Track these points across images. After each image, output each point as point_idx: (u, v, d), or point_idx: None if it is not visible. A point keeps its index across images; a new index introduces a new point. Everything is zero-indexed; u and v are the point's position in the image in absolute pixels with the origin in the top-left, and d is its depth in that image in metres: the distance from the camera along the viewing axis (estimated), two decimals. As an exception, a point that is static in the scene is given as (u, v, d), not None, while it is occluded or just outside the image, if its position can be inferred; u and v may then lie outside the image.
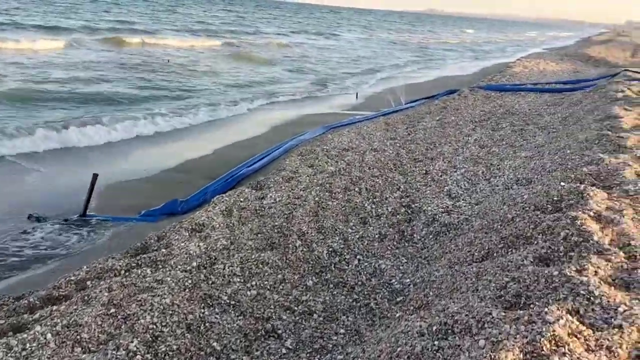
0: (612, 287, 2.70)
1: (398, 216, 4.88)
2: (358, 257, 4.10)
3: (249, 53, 23.36)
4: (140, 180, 6.52)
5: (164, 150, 8.20)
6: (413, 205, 5.09)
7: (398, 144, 7.29)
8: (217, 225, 4.19)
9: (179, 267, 3.48)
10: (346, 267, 3.95)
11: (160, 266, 3.50)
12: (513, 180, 5.63)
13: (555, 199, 4.02)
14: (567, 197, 3.99)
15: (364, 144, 7.21)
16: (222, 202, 4.72)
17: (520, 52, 35.57)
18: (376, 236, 4.47)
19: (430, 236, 4.45)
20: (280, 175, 5.64)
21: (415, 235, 4.55)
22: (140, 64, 17.19)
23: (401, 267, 4.01)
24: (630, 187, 4.15)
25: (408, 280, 3.79)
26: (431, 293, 3.26)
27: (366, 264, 4.02)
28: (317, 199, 4.89)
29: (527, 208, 4.02)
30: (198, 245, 3.79)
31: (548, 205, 3.96)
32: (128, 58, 18.41)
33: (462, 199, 5.18)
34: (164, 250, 3.73)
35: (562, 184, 4.24)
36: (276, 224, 4.32)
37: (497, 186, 5.55)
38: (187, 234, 4.09)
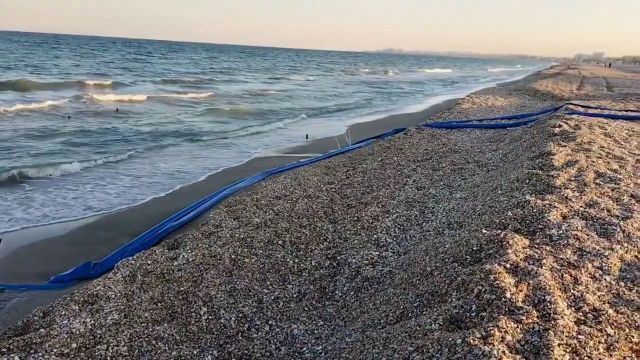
0: (518, 356, 2.44)
1: (321, 270, 4.57)
2: (270, 322, 3.75)
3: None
4: (55, 240, 6.04)
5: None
6: (339, 257, 4.80)
7: (334, 189, 7.05)
8: (113, 295, 3.78)
9: (55, 350, 3.06)
10: (255, 335, 3.59)
11: (32, 351, 3.07)
12: (445, 225, 5.43)
13: (474, 248, 3.79)
14: (486, 246, 3.77)
15: (298, 191, 6.94)
16: (127, 266, 4.32)
17: (473, 88, 36.55)
18: (294, 296, 4.13)
19: (352, 292, 4.14)
20: (200, 230, 5.29)
21: (337, 292, 4.24)
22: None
23: (316, 332, 3.68)
24: (553, 232, 3.98)
25: (320, 347, 3.45)
26: (335, 366, 2.94)
27: (278, 329, 3.67)
28: (234, 256, 4.55)
29: (447, 260, 3.79)
30: (84, 322, 3.38)
31: (467, 256, 3.72)
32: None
33: (390, 248, 4.92)
34: (42, 330, 3.30)
35: (484, 231, 4.03)
36: (182, 289, 3.95)
37: (429, 231, 5.33)
38: (77, 307, 3.67)
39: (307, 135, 14.69)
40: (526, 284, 3.11)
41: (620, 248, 3.76)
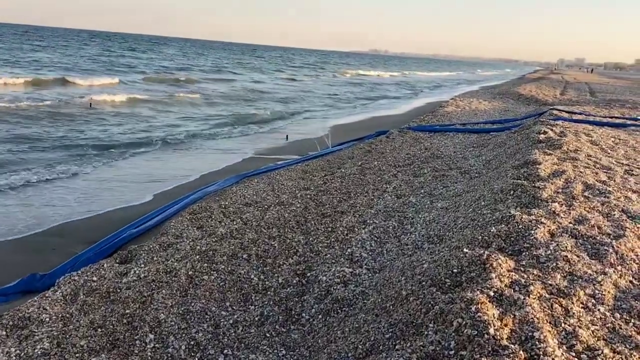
0: (503, 413, 2.07)
1: (288, 289, 4.17)
2: (226, 351, 3.34)
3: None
4: (2, 246, 5.54)
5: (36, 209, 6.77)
6: (309, 274, 4.40)
7: (309, 196, 6.65)
8: (48, 319, 3.34)
9: (-35, 389, 2.61)
10: (207, 367, 3.18)
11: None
12: (424, 238, 5.07)
13: (455, 270, 3.42)
14: (468, 268, 3.40)
15: (270, 197, 6.52)
16: (69, 283, 3.87)
17: (456, 91, 36.44)
18: (256, 319, 3.72)
19: (320, 316, 3.75)
20: (159, 241, 4.85)
21: (304, 314, 3.84)
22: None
23: (277, 363, 3.28)
24: (541, 252, 3.63)
25: (280, 383, 3.05)
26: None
27: (234, 360, 3.26)
28: (191, 272, 4.12)
29: (424, 283, 3.41)
30: (8, 352, 2.93)
31: (447, 280, 3.35)
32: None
33: (365, 264, 4.54)
34: (-45, 363, 2.85)
35: (466, 250, 3.67)
36: (127, 311, 3.51)
37: (407, 245, 4.96)
38: (5, 333, 3.22)
39: (287, 136, 14.28)
40: (512, 316, 2.74)
41: (614, 272, 3.43)
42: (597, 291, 3.14)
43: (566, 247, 3.72)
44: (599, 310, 2.96)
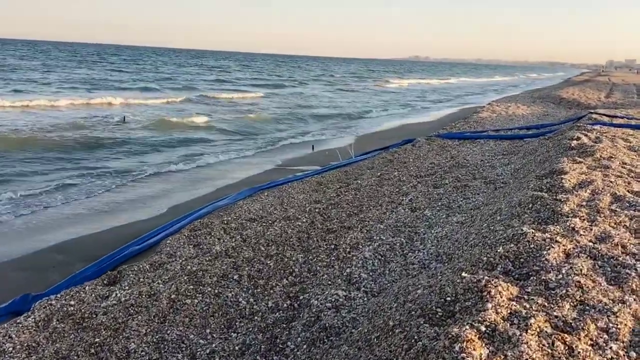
0: None
1: (277, 313, 3.88)
2: (196, 385, 3.07)
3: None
4: (4, 266, 5.49)
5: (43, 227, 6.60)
6: (301, 297, 4.10)
7: (318, 210, 6.35)
8: (11, 348, 3.16)
9: None
10: (173, 404, 2.92)
11: None
12: (433, 256, 4.69)
13: (448, 299, 3.05)
14: (463, 296, 3.02)
15: (277, 212, 6.27)
16: (45, 307, 3.71)
17: (497, 95, 35.44)
18: (236, 348, 3.45)
19: (305, 346, 3.43)
20: (150, 260, 4.66)
21: (289, 343, 3.54)
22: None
23: (250, 400, 2.99)
24: (551, 277, 3.20)
25: None
26: None
27: (203, 396, 2.99)
28: (174, 295, 3.89)
29: (413, 312, 3.05)
30: (-41, 386, 2.76)
31: (438, 309, 2.98)
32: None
33: (363, 287, 4.20)
34: None
35: (464, 274, 3.28)
36: (97, 340, 3.31)
37: (413, 264, 4.59)
38: (-35, 363, 3.06)
39: (313, 146, 14.05)
40: (502, 357, 2.36)
41: (635, 301, 2.98)
42: (611, 324, 2.71)
43: (581, 270, 3.28)
44: (610, 348, 2.53)
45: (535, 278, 3.23)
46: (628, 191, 5.14)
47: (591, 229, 4.02)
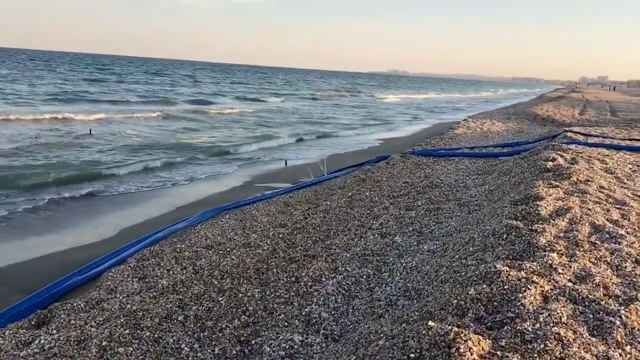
0: None
1: (223, 363, 3.44)
2: None
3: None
4: None
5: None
6: (253, 341, 3.67)
7: (282, 235, 5.94)
8: None
9: None
10: None
11: None
12: (401, 292, 4.31)
13: (412, 355, 2.67)
14: (428, 352, 2.64)
15: (238, 237, 5.83)
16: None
17: (474, 110, 35.60)
18: (171, 407, 3.00)
19: (250, 405, 3.01)
20: (87, 297, 4.18)
21: (234, 399, 3.11)
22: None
23: None
24: (527, 327, 2.84)
25: None
26: None
27: None
28: (106, 342, 3.42)
29: (372, 371, 2.66)
30: None
31: (399, 368, 2.60)
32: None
33: (323, 328, 3.78)
34: None
35: (430, 324, 2.90)
36: (4, 402, 2.82)
37: (379, 301, 4.20)
38: None
39: (286, 161, 13.65)
40: None
41: (620, 356, 2.63)
42: (596, 389, 2.36)
43: (560, 317, 2.93)
44: (597, 421, 2.17)
45: (510, 328, 2.86)
46: (607, 220, 4.86)
47: (570, 266, 3.69)
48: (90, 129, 17.41)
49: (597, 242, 4.22)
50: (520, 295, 3.18)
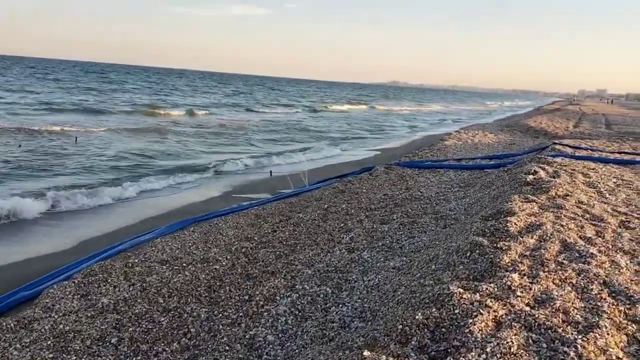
0: None
1: (153, 391, 3.17)
2: None
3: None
4: None
5: None
6: (190, 367, 3.40)
7: (245, 249, 5.67)
8: None
9: None
10: None
11: None
12: (357, 312, 4.06)
13: (338, 390, 2.40)
14: (355, 388, 2.38)
15: (197, 251, 5.57)
16: None
17: (468, 122, 35.44)
18: None
19: None
20: (20, 316, 3.91)
21: None
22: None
23: None
24: (472, 357, 2.59)
25: None
26: None
27: None
28: (25, 368, 3.15)
29: (293, 408, 2.39)
30: None
31: (322, 407, 2.33)
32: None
33: (266, 354, 3.52)
34: None
35: (366, 353, 2.64)
36: None
37: (333, 323, 3.94)
38: None
39: (271, 171, 13.41)
40: None
41: (571, 393, 2.37)
42: None
43: (510, 347, 2.67)
44: None
45: (452, 359, 2.60)
46: (580, 237, 4.60)
47: (531, 288, 3.43)
48: (76, 137, 17.21)
49: (564, 261, 3.96)
50: (471, 320, 2.92)
